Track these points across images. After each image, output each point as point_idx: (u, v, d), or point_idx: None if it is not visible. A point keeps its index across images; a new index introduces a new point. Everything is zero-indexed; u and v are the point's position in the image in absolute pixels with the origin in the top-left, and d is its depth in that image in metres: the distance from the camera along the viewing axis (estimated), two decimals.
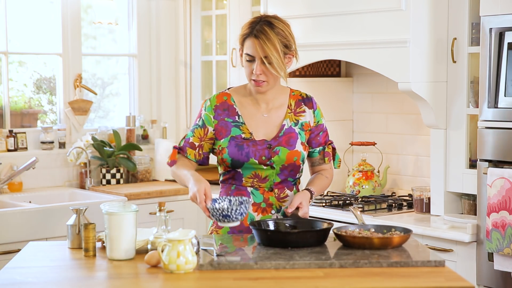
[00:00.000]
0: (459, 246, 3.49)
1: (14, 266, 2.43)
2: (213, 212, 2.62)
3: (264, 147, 2.78)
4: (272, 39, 2.71)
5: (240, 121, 2.82)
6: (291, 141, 2.81)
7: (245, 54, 2.76)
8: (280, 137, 2.81)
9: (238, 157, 2.77)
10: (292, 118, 2.86)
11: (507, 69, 3.36)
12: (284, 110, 2.87)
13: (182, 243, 2.29)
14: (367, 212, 3.88)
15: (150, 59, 5.45)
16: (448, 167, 3.76)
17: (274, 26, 2.74)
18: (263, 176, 2.80)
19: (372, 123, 4.55)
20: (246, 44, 2.75)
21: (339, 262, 2.34)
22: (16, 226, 4.09)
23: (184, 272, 2.29)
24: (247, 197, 2.79)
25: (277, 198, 2.83)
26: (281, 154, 2.79)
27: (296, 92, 2.92)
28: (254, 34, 2.72)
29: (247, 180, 2.81)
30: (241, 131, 2.81)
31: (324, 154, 2.96)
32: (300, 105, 2.89)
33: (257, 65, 2.74)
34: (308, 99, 2.92)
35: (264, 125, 2.84)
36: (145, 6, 5.40)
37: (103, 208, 2.49)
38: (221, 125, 2.82)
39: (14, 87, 4.97)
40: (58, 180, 4.98)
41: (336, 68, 4.63)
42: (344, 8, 3.92)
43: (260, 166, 2.78)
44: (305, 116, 2.89)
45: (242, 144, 2.78)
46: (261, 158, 2.77)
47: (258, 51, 2.72)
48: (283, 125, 2.84)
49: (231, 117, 2.83)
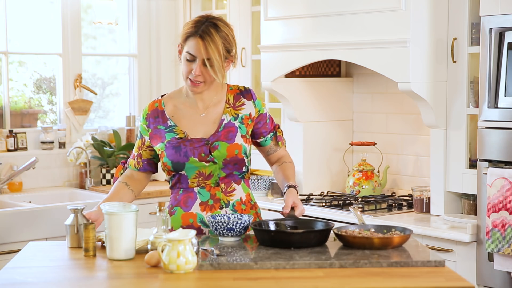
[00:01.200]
0: (459, 246, 3.49)
1: (14, 266, 2.43)
2: (216, 226, 2.62)
3: (202, 144, 2.77)
4: (216, 42, 2.70)
5: (172, 125, 2.82)
6: (230, 135, 2.80)
7: (186, 52, 2.73)
8: (219, 132, 2.80)
9: (178, 158, 2.76)
10: (231, 113, 2.85)
11: (507, 69, 3.36)
12: (222, 106, 2.86)
13: (182, 243, 2.29)
14: (367, 212, 3.88)
15: (150, 59, 5.45)
16: (448, 167, 3.76)
17: (219, 29, 2.72)
18: (207, 173, 2.79)
19: (372, 123, 4.55)
20: (189, 43, 2.72)
21: (339, 262, 2.34)
22: (16, 226, 4.09)
23: (184, 272, 2.29)
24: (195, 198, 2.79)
25: (224, 193, 2.82)
26: (221, 149, 2.77)
27: (234, 87, 2.91)
28: (199, 35, 2.70)
29: (193, 181, 2.80)
30: (175, 133, 2.80)
31: (277, 139, 2.97)
32: (239, 98, 2.88)
33: (197, 66, 2.72)
34: (246, 91, 2.91)
35: (202, 124, 2.82)
36: (145, 6, 5.40)
37: (103, 208, 2.49)
38: (155, 132, 2.84)
39: (14, 87, 4.98)
40: (58, 180, 4.98)
41: (336, 68, 4.63)
42: (344, 8, 3.92)
43: (202, 164, 2.77)
44: (245, 108, 2.87)
45: (179, 145, 2.77)
46: (200, 155, 2.76)
47: (201, 52, 2.70)
48: (222, 120, 2.83)
49: (163, 123, 2.83)
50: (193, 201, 2.80)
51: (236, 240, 2.63)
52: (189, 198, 2.80)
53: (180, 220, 2.79)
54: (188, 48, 2.73)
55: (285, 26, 4.23)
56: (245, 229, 2.63)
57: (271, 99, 4.78)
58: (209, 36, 2.69)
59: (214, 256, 2.39)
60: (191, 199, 2.80)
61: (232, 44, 2.76)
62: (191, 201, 2.80)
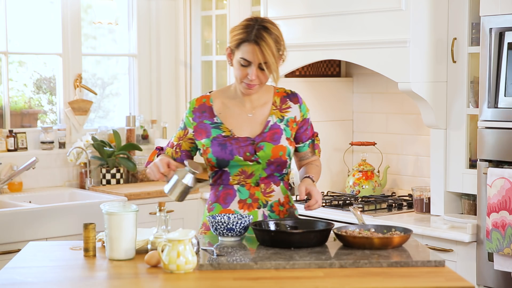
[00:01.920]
0: (459, 246, 3.49)
1: (14, 266, 2.43)
2: (216, 226, 2.62)
3: (248, 143, 2.80)
4: (270, 45, 2.73)
5: (218, 122, 2.85)
6: (275, 137, 2.83)
7: (241, 58, 2.75)
8: (264, 133, 2.83)
9: (223, 156, 2.79)
10: (277, 115, 2.88)
11: (507, 69, 3.36)
12: (269, 108, 2.89)
13: (182, 243, 2.29)
14: (367, 212, 3.88)
15: (150, 59, 5.45)
16: (448, 167, 3.76)
17: (270, 31, 2.75)
18: (249, 172, 2.82)
19: (372, 123, 4.55)
20: (243, 49, 2.75)
21: (339, 262, 2.34)
22: (16, 226, 4.08)
23: (184, 272, 2.29)
24: (234, 195, 2.82)
25: (263, 193, 2.84)
26: (266, 149, 2.80)
27: (281, 90, 2.94)
28: (253, 40, 2.73)
29: (234, 178, 2.83)
30: (221, 131, 2.83)
31: (314, 147, 2.99)
32: (285, 101, 2.92)
33: (253, 71, 2.75)
34: (293, 94, 2.95)
35: (249, 124, 2.86)
36: (145, 6, 5.40)
37: (103, 208, 2.49)
38: (200, 127, 2.86)
39: (14, 87, 4.97)
40: (58, 180, 4.98)
41: (336, 68, 4.63)
42: (344, 8, 3.92)
43: (246, 163, 2.80)
44: (291, 111, 2.90)
45: (225, 143, 2.80)
46: (245, 154, 2.79)
47: (258, 57, 2.73)
48: (268, 121, 2.86)
49: (209, 119, 2.86)
50: (232, 198, 2.83)
51: (236, 240, 2.64)
52: (228, 195, 2.84)
53: None
54: (242, 53, 2.75)
55: (285, 26, 4.21)
56: (245, 229, 2.64)
57: None
58: (263, 41, 2.72)
59: (214, 256, 2.39)
60: (230, 196, 2.83)
61: (282, 43, 2.80)
62: (230, 198, 2.83)
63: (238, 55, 2.76)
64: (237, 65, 2.78)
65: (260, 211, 2.82)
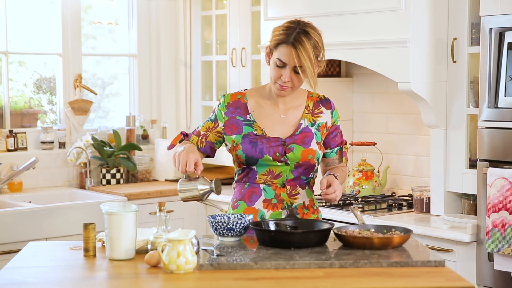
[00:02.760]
0: (459, 246, 3.49)
1: (14, 266, 2.43)
2: (216, 226, 2.62)
3: (279, 144, 2.81)
4: (308, 50, 2.73)
5: (251, 120, 2.86)
6: (306, 140, 2.84)
7: (277, 59, 2.76)
8: (295, 136, 2.84)
9: (252, 154, 2.80)
10: (309, 119, 2.89)
11: (507, 69, 3.36)
12: (302, 111, 2.90)
13: (182, 243, 2.29)
14: (367, 212, 3.88)
15: (150, 59, 5.45)
16: (448, 167, 3.76)
17: (310, 36, 2.75)
18: (277, 172, 2.82)
19: (372, 123, 4.55)
20: (280, 50, 2.75)
21: (339, 262, 2.34)
22: (16, 226, 4.09)
23: (184, 272, 2.29)
24: (259, 194, 2.83)
25: (288, 194, 2.84)
26: (296, 151, 2.81)
27: (314, 94, 2.95)
28: (291, 43, 2.73)
29: (261, 177, 2.84)
30: (253, 129, 2.84)
31: (341, 154, 2.99)
32: (318, 106, 2.93)
33: (287, 73, 2.76)
34: (326, 100, 2.96)
35: (281, 125, 2.87)
36: (145, 6, 5.40)
37: (103, 208, 2.49)
38: (232, 122, 2.87)
39: (14, 87, 4.98)
40: (58, 180, 4.98)
41: (336, 68, 4.63)
42: (344, 8, 3.92)
43: (274, 163, 2.81)
44: (323, 116, 2.91)
45: (256, 141, 2.81)
46: (275, 154, 2.80)
47: (293, 60, 2.73)
48: (300, 124, 2.87)
49: (243, 115, 2.87)
50: (257, 197, 2.84)
51: (236, 240, 2.64)
52: (254, 194, 2.84)
53: None
54: (279, 54, 2.75)
55: None
56: (245, 229, 2.64)
57: None
58: (301, 45, 2.72)
59: (214, 256, 2.39)
60: (255, 194, 2.84)
61: (321, 50, 2.80)
62: (255, 197, 2.84)
63: (275, 56, 2.78)
64: (273, 65, 2.79)
65: (283, 212, 2.83)
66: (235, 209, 2.87)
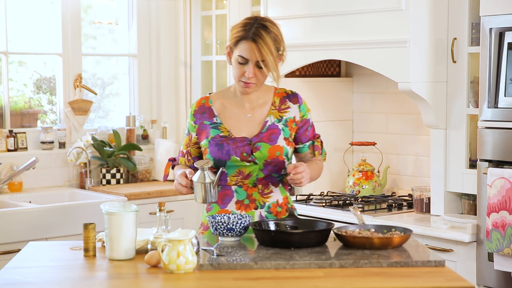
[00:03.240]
0: (459, 246, 3.49)
1: (14, 266, 2.43)
2: (216, 226, 2.62)
3: (245, 143, 2.80)
4: (268, 43, 2.73)
5: (217, 122, 2.86)
6: (273, 137, 2.82)
7: (238, 56, 2.76)
8: (262, 134, 2.83)
9: (220, 156, 2.79)
10: (276, 115, 2.87)
11: (507, 69, 3.36)
12: (268, 108, 2.89)
13: (182, 243, 2.29)
14: (367, 212, 3.88)
15: (150, 59, 5.45)
16: (448, 167, 3.76)
17: (269, 30, 2.75)
18: (247, 172, 2.81)
19: (372, 123, 4.55)
20: (241, 46, 2.75)
21: (339, 262, 2.34)
22: (16, 226, 4.08)
23: (184, 272, 2.29)
24: (231, 196, 2.82)
25: (260, 193, 2.83)
26: (263, 150, 2.79)
27: (281, 90, 2.94)
28: (251, 38, 2.73)
29: (232, 179, 2.83)
30: (219, 131, 2.84)
31: (314, 148, 2.97)
32: (284, 101, 2.91)
33: (250, 68, 2.75)
34: (293, 95, 2.94)
35: (247, 124, 2.86)
36: (145, 6, 5.40)
37: (103, 208, 2.49)
38: (201, 128, 2.87)
39: (14, 87, 4.98)
40: (58, 180, 4.98)
41: (336, 68, 4.63)
42: (344, 8, 3.92)
43: (243, 163, 2.79)
44: (290, 111, 2.89)
45: (222, 143, 2.80)
46: (242, 154, 2.78)
47: (255, 55, 2.73)
48: (266, 121, 2.85)
49: (209, 119, 2.87)
50: (229, 199, 2.83)
51: (236, 240, 2.64)
52: (226, 196, 2.84)
53: None
54: (240, 51, 2.75)
55: (285, 26, 4.19)
56: (245, 229, 2.64)
57: None
58: (261, 39, 2.73)
59: (214, 256, 2.39)
60: (228, 196, 2.83)
61: (281, 43, 2.80)
62: (228, 199, 2.83)
63: (236, 53, 2.77)
64: (235, 64, 2.79)
65: (257, 211, 2.82)
66: (208, 211, 2.87)
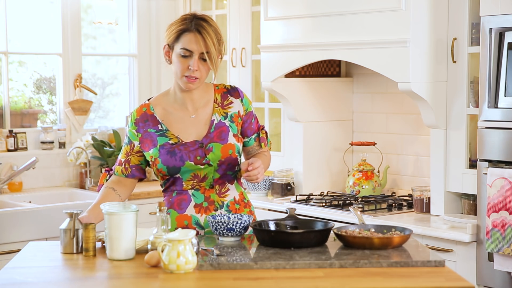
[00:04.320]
0: (459, 246, 3.49)
1: (14, 266, 2.43)
2: (216, 226, 2.62)
3: (196, 147, 2.76)
4: (211, 34, 2.71)
5: (163, 129, 2.78)
6: (223, 135, 2.79)
7: (182, 49, 2.70)
8: (211, 134, 2.79)
9: (173, 163, 2.74)
10: (220, 112, 2.84)
11: (507, 69, 3.36)
12: (211, 106, 2.84)
13: (182, 243, 2.29)
14: (367, 212, 3.88)
15: (150, 59, 5.45)
16: (448, 167, 3.76)
17: (209, 23, 2.73)
18: (202, 175, 2.77)
19: (372, 123, 4.55)
20: (184, 39, 2.70)
21: (339, 262, 2.34)
22: (16, 226, 4.09)
23: (184, 272, 2.29)
24: (189, 200, 2.78)
25: (218, 194, 2.81)
26: (215, 150, 2.76)
27: (220, 86, 2.89)
28: (195, 29, 2.70)
29: (187, 184, 2.78)
30: (168, 138, 2.77)
31: (259, 140, 2.94)
32: (226, 97, 2.87)
33: (194, 60, 2.70)
34: (233, 89, 2.90)
35: (194, 126, 2.80)
36: (145, 6, 5.40)
37: (103, 208, 2.49)
38: (146, 136, 2.79)
39: (14, 87, 4.98)
40: (58, 180, 4.98)
41: (336, 68, 4.63)
42: (344, 8, 3.92)
43: (197, 167, 2.75)
44: (234, 106, 2.86)
45: (173, 150, 2.74)
46: (196, 158, 2.75)
47: (200, 46, 2.69)
48: (212, 120, 2.81)
49: (154, 127, 2.79)
50: (187, 204, 2.79)
51: (236, 240, 2.63)
52: (183, 201, 2.79)
53: (175, 222, 2.78)
54: (184, 44, 2.70)
55: (285, 26, 4.23)
56: (245, 229, 2.64)
57: (271, 99, 4.78)
58: (204, 29, 2.70)
59: (214, 256, 2.39)
60: (185, 201, 2.79)
61: (221, 36, 2.77)
62: (185, 204, 2.79)
63: (178, 47, 2.71)
64: (177, 59, 2.72)
65: (217, 212, 2.79)
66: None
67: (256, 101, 4.88)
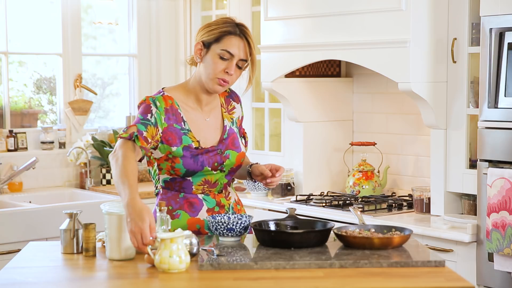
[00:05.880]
0: (459, 246, 3.49)
1: (14, 266, 2.43)
2: (216, 226, 2.62)
3: (215, 153, 2.74)
4: (255, 43, 2.73)
5: (186, 128, 2.72)
6: (236, 143, 2.80)
7: (223, 50, 2.66)
8: (225, 140, 2.78)
9: (194, 168, 2.70)
10: (228, 118, 2.84)
11: (507, 69, 3.36)
12: (219, 110, 2.83)
13: (174, 242, 2.28)
14: (367, 212, 3.88)
15: (150, 59, 5.45)
16: (448, 167, 3.76)
17: (249, 32, 2.73)
18: (213, 180, 2.76)
19: (372, 123, 4.55)
20: (227, 41, 2.67)
21: (339, 262, 2.34)
22: (16, 226, 4.09)
23: (177, 271, 2.28)
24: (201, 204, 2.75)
25: (226, 198, 2.82)
26: (232, 158, 2.77)
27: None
28: (242, 35, 2.69)
29: (198, 188, 2.75)
30: (190, 140, 2.70)
31: (245, 144, 2.94)
32: (229, 102, 2.87)
33: (233, 65, 2.67)
34: (233, 93, 2.90)
35: (209, 131, 2.77)
36: (145, 6, 5.40)
37: (103, 208, 2.49)
38: (171, 130, 2.68)
39: (14, 87, 4.98)
40: (58, 180, 4.98)
41: (336, 68, 4.63)
42: (344, 8, 3.92)
43: (211, 172, 2.74)
44: (236, 112, 2.88)
45: (197, 155, 2.69)
46: (213, 164, 2.73)
47: (243, 51, 2.69)
48: (225, 126, 2.80)
49: (179, 123, 2.71)
50: (199, 208, 2.76)
51: (236, 240, 2.63)
52: (195, 204, 2.76)
53: (186, 225, 2.73)
54: (226, 46, 2.66)
55: (285, 26, 4.23)
56: (245, 229, 2.64)
57: (271, 99, 4.78)
58: (249, 36, 2.70)
59: (214, 256, 2.39)
60: (196, 205, 2.76)
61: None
62: (197, 207, 2.75)
63: (218, 48, 2.67)
64: (213, 59, 2.67)
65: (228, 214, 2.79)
66: (175, 218, 2.72)
67: (256, 101, 4.89)
